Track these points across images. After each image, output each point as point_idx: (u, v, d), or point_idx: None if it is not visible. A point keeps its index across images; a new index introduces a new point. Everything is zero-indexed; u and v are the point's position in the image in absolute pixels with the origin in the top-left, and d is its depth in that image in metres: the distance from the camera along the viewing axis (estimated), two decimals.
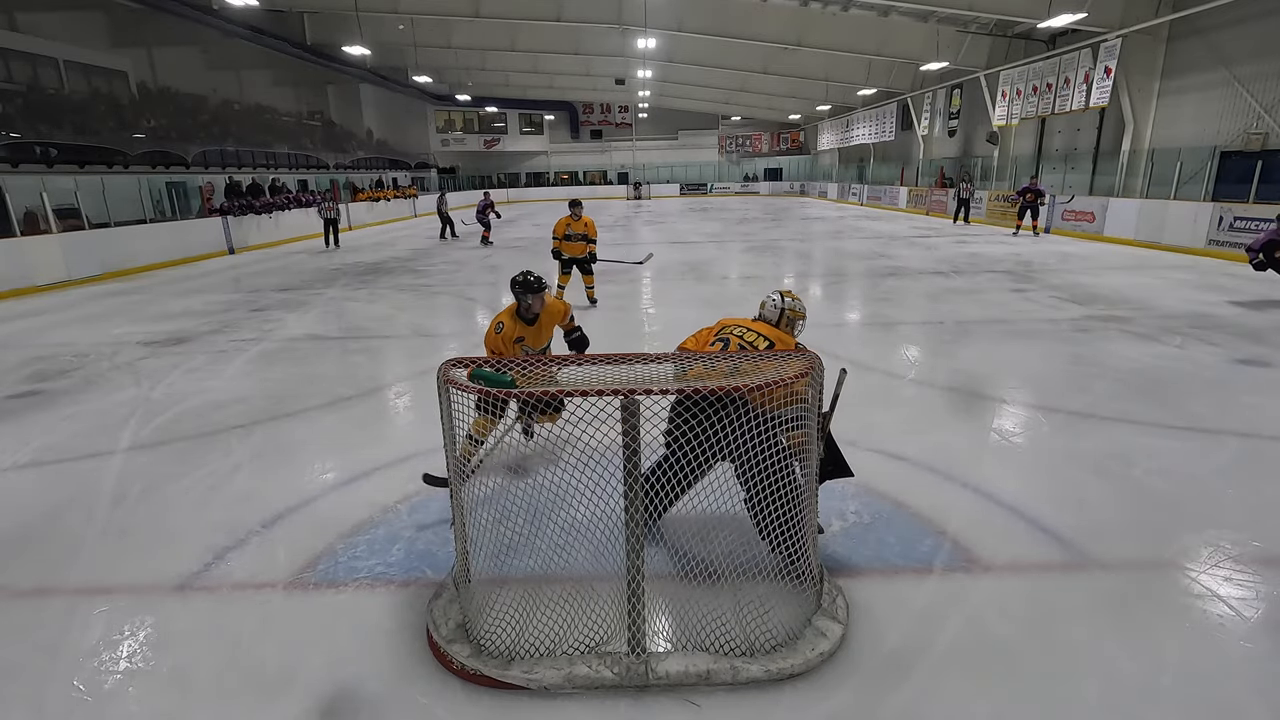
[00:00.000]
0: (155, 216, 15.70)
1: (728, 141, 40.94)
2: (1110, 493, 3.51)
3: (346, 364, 6.47)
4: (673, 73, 27.62)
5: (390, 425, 5.01)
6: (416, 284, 11.02)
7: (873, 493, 3.55)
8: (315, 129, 26.88)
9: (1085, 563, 2.94)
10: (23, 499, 3.82)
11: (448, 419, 2.45)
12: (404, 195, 28.24)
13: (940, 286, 9.52)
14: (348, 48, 19.28)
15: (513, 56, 25.66)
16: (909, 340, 6.64)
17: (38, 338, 7.86)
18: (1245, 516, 3.23)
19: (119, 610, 2.78)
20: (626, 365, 2.66)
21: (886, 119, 27.07)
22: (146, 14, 17.41)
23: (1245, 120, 12.76)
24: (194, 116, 20.07)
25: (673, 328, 7.57)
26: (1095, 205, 14.82)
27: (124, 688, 2.36)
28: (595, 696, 2.25)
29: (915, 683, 2.28)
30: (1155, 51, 14.53)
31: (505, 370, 2.43)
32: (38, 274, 11.25)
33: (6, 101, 14.59)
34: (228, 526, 3.39)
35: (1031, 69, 17.53)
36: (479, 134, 39.44)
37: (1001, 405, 4.96)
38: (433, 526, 3.32)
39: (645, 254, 12.82)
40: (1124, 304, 7.92)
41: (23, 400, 5.58)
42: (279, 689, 2.32)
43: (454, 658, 2.36)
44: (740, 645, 2.36)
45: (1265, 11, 12.09)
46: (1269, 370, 5.46)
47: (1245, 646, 2.41)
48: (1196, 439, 4.14)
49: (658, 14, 18.62)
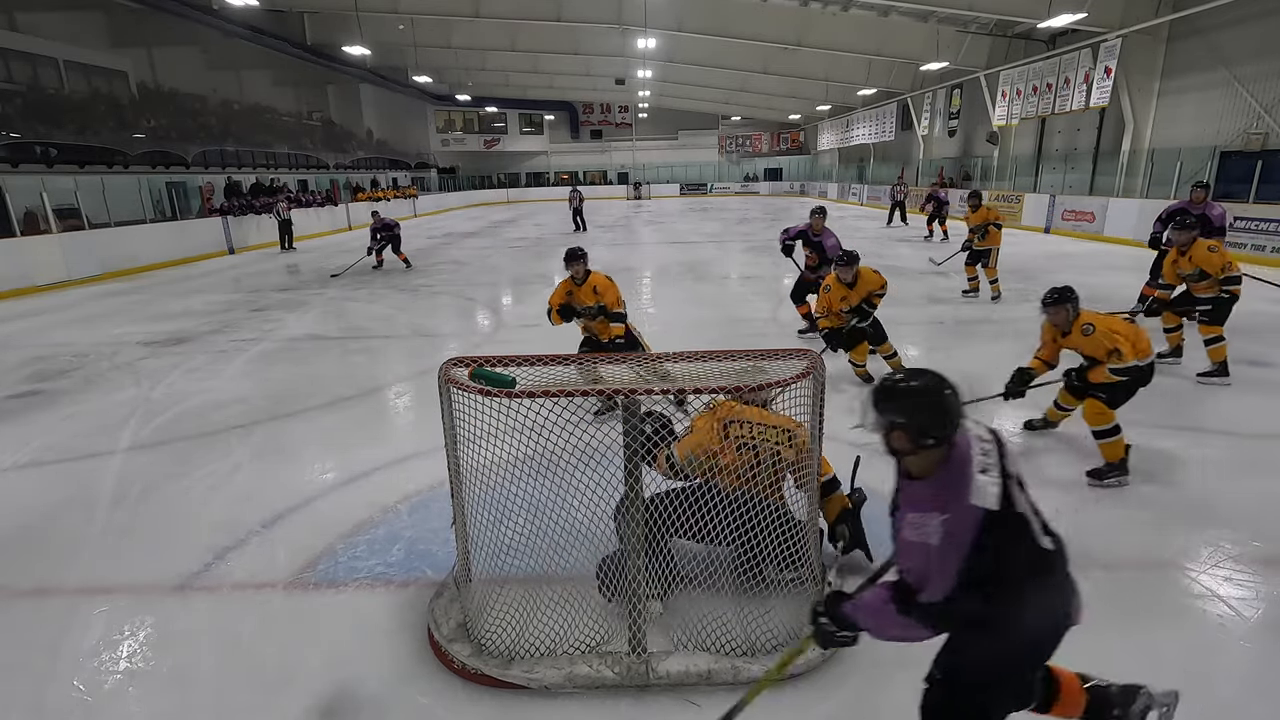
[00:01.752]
0: (155, 216, 15.70)
1: (728, 141, 40.92)
2: (1110, 493, 3.51)
3: (346, 364, 6.47)
4: (673, 73, 27.61)
5: (390, 425, 5.01)
6: (416, 284, 11.02)
7: (873, 493, 3.55)
8: (315, 129, 26.88)
9: (1085, 563, 2.92)
10: (23, 499, 3.82)
11: (448, 419, 2.45)
12: (404, 195, 28.26)
13: (940, 286, 9.52)
14: (348, 48, 19.28)
15: (513, 56, 25.65)
16: (909, 340, 6.64)
17: (38, 338, 7.86)
18: (1245, 516, 3.23)
19: (119, 610, 2.78)
20: (627, 365, 2.66)
21: (886, 119, 27.06)
22: (146, 14, 17.41)
23: (1245, 120, 12.76)
24: (194, 116, 20.06)
25: (673, 328, 7.57)
26: (1095, 205, 14.82)
27: (124, 688, 2.36)
28: (596, 696, 2.25)
29: (915, 683, 2.27)
30: (1155, 51, 14.53)
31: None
32: (38, 274, 11.25)
33: (6, 101, 14.59)
34: (228, 526, 3.39)
35: (1031, 69, 17.53)
36: (479, 134, 39.43)
37: (1001, 405, 4.95)
38: (433, 527, 3.32)
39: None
40: (1124, 304, 7.91)
41: (23, 400, 5.58)
42: (279, 689, 2.32)
43: (455, 657, 2.36)
44: (741, 645, 2.36)
45: (1265, 11, 12.09)
46: (1269, 370, 5.46)
47: (1245, 646, 2.41)
48: (1196, 439, 4.14)
49: (658, 14, 18.61)
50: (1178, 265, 5.43)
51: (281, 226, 16.73)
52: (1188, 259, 5.31)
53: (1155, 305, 5.71)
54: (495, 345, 6.92)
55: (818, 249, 6.77)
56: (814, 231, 6.81)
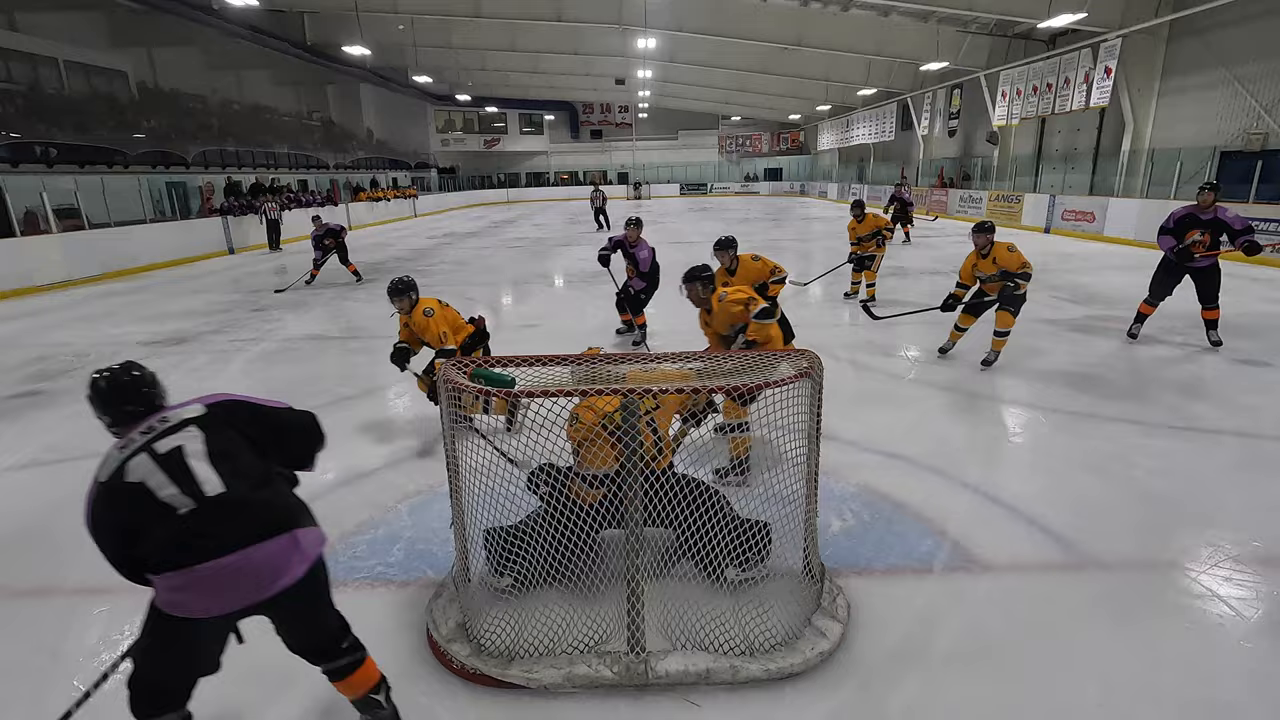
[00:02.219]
0: (155, 216, 15.71)
1: (728, 141, 40.92)
2: (1110, 493, 3.51)
3: (346, 364, 6.47)
4: (673, 73, 27.62)
5: (390, 425, 5.01)
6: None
7: (873, 493, 3.56)
8: (315, 129, 26.89)
9: (1085, 563, 2.94)
10: (23, 499, 3.82)
11: (447, 418, 2.46)
12: (404, 195, 28.28)
13: (940, 286, 9.49)
14: (348, 48, 19.27)
15: (513, 56, 25.66)
16: (909, 340, 6.64)
17: (38, 338, 7.86)
18: (1245, 516, 3.23)
19: (119, 610, 2.77)
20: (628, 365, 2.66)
21: (886, 119, 27.06)
22: (146, 14, 17.41)
23: (1245, 120, 12.76)
24: (194, 116, 20.07)
25: (673, 328, 7.57)
26: (1095, 205, 14.81)
27: (124, 688, 2.35)
28: (595, 696, 2.25)
29: (915, 682, 2.28)
30: (1155, 51, 14.53)
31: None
32: (38, 274, 11.25)
33: (6, 101, 14.60)
34: None
35: (1031, 69, 17.53)
36: (479, 134, 39.45)
37: (1001, 405, 4.97)
38: (433, 527, 3.32)
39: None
40: (1124, 304, 7.91)
41: (23, 400, 5.58)
42: (279, 689, 2.32)
43: (454, 657, 2.36)
44: (740, 645, 2.36)
45: (1265, 11, 12.09)
46: (1269, 370, 5.46)
47: (1245, 646, 2.41)
48: (1196, 439, 4.14)
49: (658, 14, 18.62)
50: (978, 268, 5.50)
51: (269, 227, 16.70)
52: (991, 260, 5.40)
53: (951, 300, 5.69)
54: (495, 345, 6.90)
55: (632, 260, 6.72)
56: (630, 242, 6.75)
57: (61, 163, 14.31)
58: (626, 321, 6.91)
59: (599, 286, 9.00)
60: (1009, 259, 5.29)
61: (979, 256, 5.47)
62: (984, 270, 5.47)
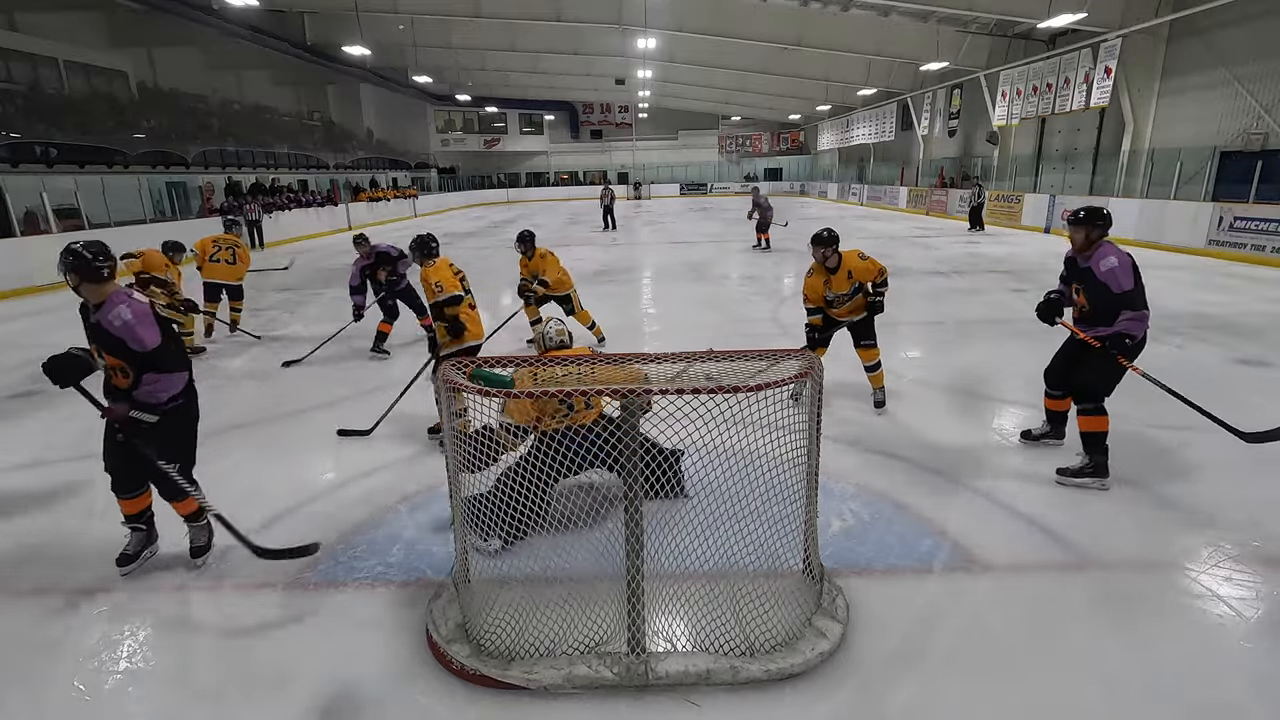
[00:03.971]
0: (155, 216, 15.70)
1: (728, 141, 40.93)
2: (1110, 493, 3.51)
3: (346, 364, 6.46)
4: (673, 73, 27.61)
5: (390, 425, 5.00)
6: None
7: (873, 493, 3.56)
8: (315, 129, 26.90)
9: (1085, 563, 2.94)
10: (23, 499, 3.82)
11: (447, 418, 2.46)
12: (404, 195, 28.27)
13: (940, 286, 9.52)
14: (348, 48, 19.28)
15: (513, 56, 25.66)
16: (909, 340, 6.64)
17: (38, 338, 7.85)
18: (1245, 516, 3.23)
19: (119, 610, 2.78)
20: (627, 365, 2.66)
21: (886, 119, 27.06)
22: (146, 14, 17.42)
23: (1245, 120, 12.76)
24: (194, 116, 20.08)
25: (673, 328, 7.58)
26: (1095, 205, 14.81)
27: (124, 688, 2.36)
28: (595, 696, 2.25)
29: (915, 682, 2.28)
30: (1155, 51, 14.52)
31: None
32: (38, 274, 11.24)
33: (6, 101, 14.60)
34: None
35: (1031, 69, 17.53)
36: (479, 134, 39.45)
37: (1001, 405, 4.97)
38: (433, 527, 3.32)
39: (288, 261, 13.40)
40: None
41: (23, 400, 5.58)
42: (279, 689, 2.32)
43: (454, 658, 2.36)
44: (740, 645, 2.36)
45: (1265, 11, 12.09)
46: (1269, 370, 5.46)
47: (1245, 646, 2.41)
48: (1196, 439, 4.14)
49: (658, 14, 18.62)
50: (830, 285, 4.59)
51: (250, 226, 16.68)
52: (845, 275, 4.56)
53: (813, 334, 4.80)
54: (495, 345, 6.91)
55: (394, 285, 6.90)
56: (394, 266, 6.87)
57: (61, 163, 14.31)
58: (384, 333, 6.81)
59: (598, 286, 9.00)
60: (864, 269, 4.55)
61: (827, 273, 4.57)
62: (838, 288, 4.59)
